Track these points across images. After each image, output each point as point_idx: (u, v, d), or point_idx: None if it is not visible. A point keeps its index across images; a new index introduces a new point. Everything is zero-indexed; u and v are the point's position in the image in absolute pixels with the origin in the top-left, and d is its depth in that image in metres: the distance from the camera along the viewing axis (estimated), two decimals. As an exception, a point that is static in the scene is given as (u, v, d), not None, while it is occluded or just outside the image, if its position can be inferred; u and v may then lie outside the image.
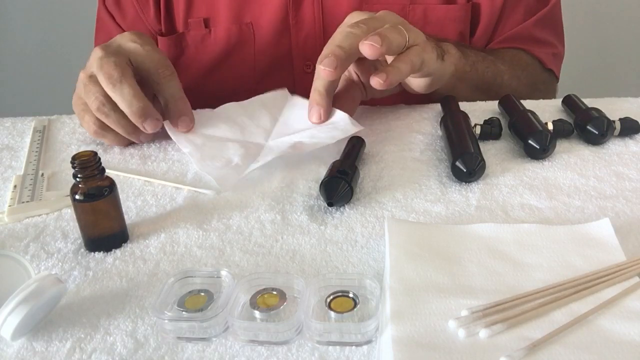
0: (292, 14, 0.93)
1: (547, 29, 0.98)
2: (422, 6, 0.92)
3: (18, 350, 0.48)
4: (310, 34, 0.94)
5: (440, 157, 0.71)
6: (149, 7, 0.97)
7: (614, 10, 2.03)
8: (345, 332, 0.47)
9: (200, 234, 0.61)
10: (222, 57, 0.96)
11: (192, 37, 0.96)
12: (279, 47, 0.95)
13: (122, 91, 0.70)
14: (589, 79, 1.87)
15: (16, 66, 2.17)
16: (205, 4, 0.95)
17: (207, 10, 0.95)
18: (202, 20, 0.95)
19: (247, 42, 0.95)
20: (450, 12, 0.93)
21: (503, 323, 0.45)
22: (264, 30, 0.94)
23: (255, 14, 0.94)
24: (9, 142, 0.81)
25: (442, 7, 0.93)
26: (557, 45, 1.00)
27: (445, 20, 0.93)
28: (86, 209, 0.58)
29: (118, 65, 0.70)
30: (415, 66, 0.71)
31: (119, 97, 0.70)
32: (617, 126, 0.72)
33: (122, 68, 0.70)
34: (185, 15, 0.95)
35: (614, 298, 0.48)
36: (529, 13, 0.96)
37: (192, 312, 0.49)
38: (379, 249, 0.57)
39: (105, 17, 1.01)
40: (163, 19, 0.97)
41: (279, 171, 0.70)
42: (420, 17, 0.92)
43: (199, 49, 0.96)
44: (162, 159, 0.75)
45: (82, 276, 0.56)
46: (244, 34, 0.95)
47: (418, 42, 0.72)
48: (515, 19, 0.96)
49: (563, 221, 0.60)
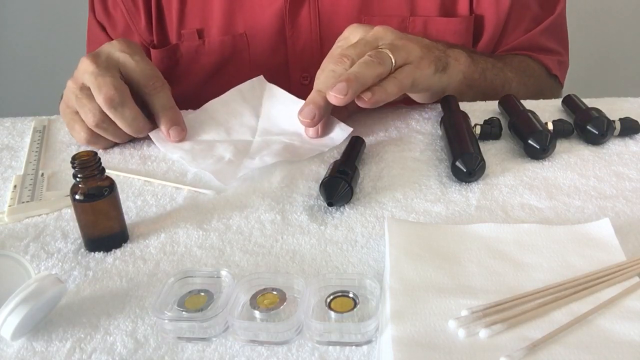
0: (288, 25, 0.92)
1: (552, 38, 0.97)
2: (422, 18, 0.92)
3: (18, 350, 0.48)
4: (307, 45, 0.93)
5: (440, 157, 0.71)
6: (140, 17, 0.96)
7: (614, 10, 2.03)
8: (345, 332, 0.47)
9: (200, 234, 0.61)
10: (216, 68, 0.95)
11: (185, 48, 0.95)
12: (274, 59, 0.94)
13: (123, 114, 0.72)
14: (589, 79, 1.87)
15: (16, 66, 2.17)
16: (199, 14, 0.94)
17: (200, 21, 0.94)
18: (196, 31, 0.94)
19: (242, 53, 0.94)
20: (450, 25, 0.92)
21: (503, 323, 0.45)
22: (258, 41, 0.94)
23: (249, 24, 0.93)
24: (9, 142, 0.81)
25: (442, 19, 0.92)
26: (562, 53, 0.99)
27: (445, 32, 0.92)
28: (86, 209, 0.58)
29: (117, 88, 0.70)
30: (405, 86, 0.71)
31: (119, 120, 0.72)
32: (617, 126, 0.72)
33: (121, 91, 0.71)
34: (178, 27, 0.95)
35: (614, 298, 0.48)
36: (535, 22, 0.96)
37: (192, 312, 0.49)
38: (379, 249, 0.57)
39: (95, 28, 1.00)
40: (155, 30, 0.96)
41: (279, 171, 0.70)
42: (420, 30, 0.91)
43: (193, 60, 0.96)
44: (162, 159, 0.75)
45: (82, 276, 0.56)
46: (238, 44, 0.94)
47: (411, 59, 0.71)
48: (521, 29, 0.95)
49: (563, 221, 0.60)
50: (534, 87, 0.93)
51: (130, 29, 0.98)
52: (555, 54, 0.98)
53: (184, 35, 0.95)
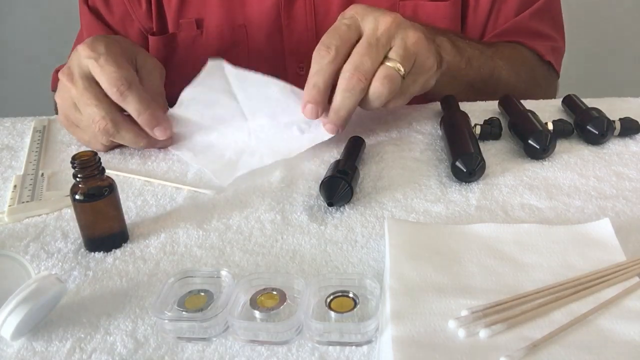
0: (284, 15, 0.92)
1: (544, 22, 0.95)
2: (412, 2, 0.91)
3: (18, 350, 0.48)
4: (303, 35, 0.93)
5: (440, 157, 0.71)
6: (140, 3, 0.95)
7: (614, 10, 2.03)
8: (345, 332, 0.47)
9: (200, 234, 0.61)
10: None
11: (182, 38, 0.95)
12: (271, 49, 0.94)
13: (123, 138, 0.72)
14: (589, 79, 1.87)
15: (16, 66, 2.17)
16: (197, 5, 0.94)
17: (199, 11, 0.94)
18: (194, 21, 0.94)
19: (241, 44, 0.94)
20: (439, 10, 0.91)
21: (503, 323, 0.45)
22: (256, 31, 0.93)
23: (247, 15, 0.93)
24: (9, 142, 0.81)
25: (432, 4, 0.91)
26: (556, 39, 0.97)
27: (435, 17, 0.91)
28: (86, 209, 0.58)
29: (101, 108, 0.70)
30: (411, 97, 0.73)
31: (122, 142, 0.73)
32: (617, 126, 0.72)
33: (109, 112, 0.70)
34: (176, 16, 0.94)
35: (614, 298, 0.48)
36: (524, 5, 0.94)
37: (192, 312, 0.49)
38: (379, 249, 0.57)
39: (89, 20, 0.98)
40: (154, 17, 0.95)
41: (279, 171, 0.70)
42: (410, 15, 0.90)
43: (190, 50, 0.95)
44: (162, 159, 0.75)
45: (82, 276, 0.56)
46: (237, 35, 0.94)
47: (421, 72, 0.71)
48: (507, 11, 0.93)
49: (563, 221, 0.60)
50: (526, 76, 0.92)
51: (129, 15, 0.97)
52: (547, 39, 0.96)
53: (182, 25, 0.94)
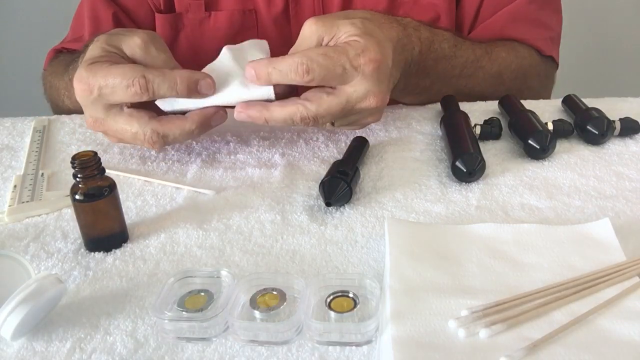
0: (292, 3, 0.92)
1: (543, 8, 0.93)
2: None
3: (18, 350, 0.48)
4: None
5: (440, 157, 0.71)
6: None
7: (614, 10, 2.03)
8: (345, 332, 0.47)
9: (200, 234, 0.61)
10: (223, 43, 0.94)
11: (189, 19, 0.93)
12: (279, 38, 0.94)
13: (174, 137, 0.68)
14: (589, 79, 1.87)
15: (16, 66, 2.16)
16: None
17: None
18: (204, 2, 0.93)
19: (250, 29, 0.93)
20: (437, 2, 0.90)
21: (503, 323, 0.45)
22: (265, 19, 0.93)
23: (257, 1, 0.93)
24: (9, 142, 0.81)
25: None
26: (554, 26, 0.95)
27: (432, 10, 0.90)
28: (86, 209, 0.58)
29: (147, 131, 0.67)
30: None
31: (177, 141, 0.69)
32: (617, 126, 0.72)
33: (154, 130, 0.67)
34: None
35: (614, 298, 0.48)
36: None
37: (192, 312, 0.49)
38: (379, 249, 0.57)
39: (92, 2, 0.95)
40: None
41: (279, 171, 0.70)
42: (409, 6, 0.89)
43: (196, 33, 0.94)
44: (162, 159, 0.75)
45: (82, 276, 0.56)
46: (247, 20, 0.93)
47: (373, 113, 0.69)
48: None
49: (563, 221, 0.60)
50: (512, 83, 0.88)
51: None
52: (546, 29, 0.94)
53: (191, 6, 0.93)
